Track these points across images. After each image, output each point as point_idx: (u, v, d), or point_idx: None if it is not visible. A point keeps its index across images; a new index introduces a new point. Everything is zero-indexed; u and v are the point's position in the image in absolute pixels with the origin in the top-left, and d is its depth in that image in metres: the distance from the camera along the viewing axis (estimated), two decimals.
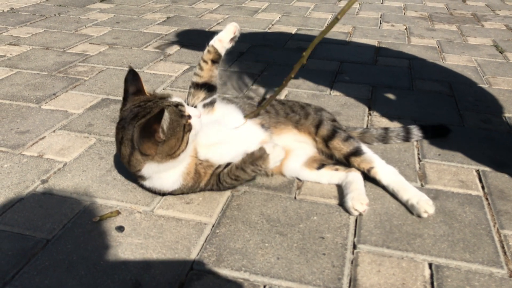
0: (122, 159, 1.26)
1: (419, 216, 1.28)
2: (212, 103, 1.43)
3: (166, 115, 1.15)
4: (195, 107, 1.40)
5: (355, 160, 1.41)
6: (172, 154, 1.20)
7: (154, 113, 1.14)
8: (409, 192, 1.33)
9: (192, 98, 1.42)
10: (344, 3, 3.95)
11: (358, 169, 1.41)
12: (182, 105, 1.24)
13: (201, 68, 1.44)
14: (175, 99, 1.25)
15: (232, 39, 1.47)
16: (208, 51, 1.45)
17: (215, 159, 1.32)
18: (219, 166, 1.32)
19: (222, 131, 1.37)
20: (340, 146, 1.43)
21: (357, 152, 1.42)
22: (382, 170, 1.40)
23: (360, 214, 1.29)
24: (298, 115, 1.50)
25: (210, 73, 1.43)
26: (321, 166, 1.44)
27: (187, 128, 1.21)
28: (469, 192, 1.42)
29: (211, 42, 1.46)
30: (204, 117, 1.36)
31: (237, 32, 1.45)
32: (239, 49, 2.68)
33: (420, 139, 1.68)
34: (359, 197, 1.29)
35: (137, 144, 1.18)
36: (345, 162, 1.43)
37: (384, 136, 1.65)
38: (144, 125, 1.16)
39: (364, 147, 1.44)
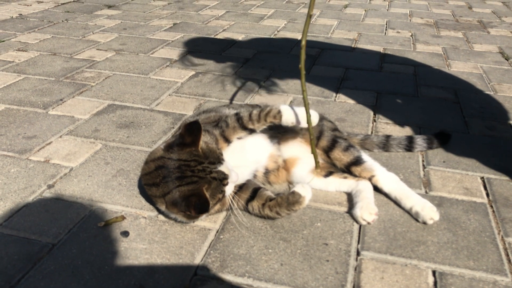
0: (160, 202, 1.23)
1: (424, 223, 1.28)
2: None
3: (204, 201, 1.13)
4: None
5: (355, 170, 1.42)
6: None
7: (197, 191, 1.13)
8: (412, 199, 1.33)
9: (231, 131, 1.34)
10: (350, 10, 3.96)
11: (360, 178, 1.42)
12: (226, 178, 1.20)
13: (258, 121, 1.33)
14: (223, 167, 1.20)
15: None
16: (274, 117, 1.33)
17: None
18: (239, 189, 1.31)
19: (240, 156, 1.35)
20: (340, 157, 1.43)
21: (357, 162, 1.41)
22: (383, 178, 1.40)
23: (368, 223, 1.29)
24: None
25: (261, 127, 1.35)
26: (328, 173, 1.44)
27: (222, 195, 1.21)
28: (473, 200, 1.41)
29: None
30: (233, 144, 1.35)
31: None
32: (244, 55, 2.69)
33: (424, 150, 1.67)
34: (368, 207, 1.29)
35: (178, 207, 1.17)
36: (347, 171, 1.43)
37: (385, 144, 1.65)
38: (184, 200, 1.14)
39: (365, 156, 1.44)
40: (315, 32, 3.25)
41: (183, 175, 1.15)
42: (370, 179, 1.40)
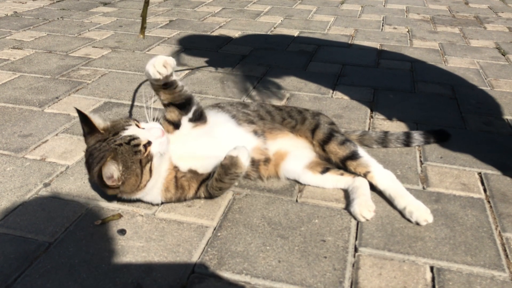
0: None
1: (417, 223, 1.27)
2: (200, 116, 1.35)
3: (111, 167, 1.14)
4: (177, 122, 1.33)
5: (351, 164, 1.40)
6: (138, 188, 1.21)
7: (102, 163, 1.13)
8: (406, 199, 1.32)
9: (169, 113, 1.32)
10: (346, 6, 3.96)
11: (355, 173, 1.41)
12: (135, 138, 1.18)
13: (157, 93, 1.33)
14: (128, 131, 1.20)
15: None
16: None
17: (202, 169, 1.31)
18: (208, 177, 1.30)
19: (211, 143, 1.34)
20: (336, 150, 1.42)
21: (353, 156, 1.40)
22: (378, 175, 1.39)
23: (367, 220, 1.28)
24: (294, 121, 1.50)
25: (167, 96, 1.31)
26: (325, 170, 1.43)
27: (146, 160, 1.19)
28: (471, 195, 1.41)
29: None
30: (193, 131, 1.34)
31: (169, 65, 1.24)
32: (241, 52, 2.69)
33: (421, 145, 1.67)
34: (366, 204, 1.29)
35: (103, 189, 1.21)
36: (342, 166, 1.43)
37: (384, 139, 1.64)
38: (98, 176, 1.15)
39: (361, 151, 1.43)
40: (311, 28, 3.24)
41: (94, 158, 1.19)
42: (365, 175, 1.39)
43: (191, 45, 2.78)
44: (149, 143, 1.20)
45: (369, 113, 1.96)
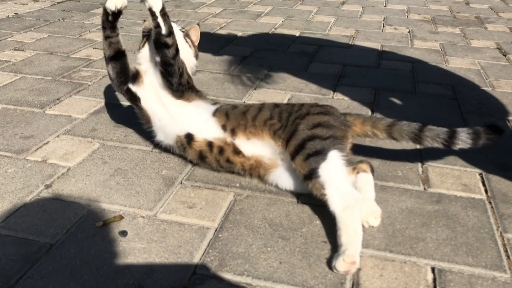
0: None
1: (334, 268, 1.10)
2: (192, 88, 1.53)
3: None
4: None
5: (308, 184, 1.24)
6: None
7: None
8: (347, 236, 1.12)
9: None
10: (347, 6, 3.96)
11: (359, 168, 1.31)
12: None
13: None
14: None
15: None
16: None
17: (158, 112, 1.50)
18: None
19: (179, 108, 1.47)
20: (298, 167, 1.27)
21: (310, 175, 1.23)
22: (332, 199, 1.18)
23: (372, 227, 1.25)
24: (280, 123, 1.36)
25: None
26: None
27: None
28: (472, 196, 1.41)
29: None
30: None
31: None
32: (242, 53, 2.69)
33: (467, 147, 1.34)
34: (372, 210, 1.24)
35: None
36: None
37: (418, 135, 1.34)
38: None
39: (325, 168, 1.21)
40: (312, 29, 3.24)
41: None
42: (321, 197, 1.22)
43: None
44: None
45: (370, 114, 1.96)
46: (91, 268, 1.10)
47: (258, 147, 1.40)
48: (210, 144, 1.42)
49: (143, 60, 1.56)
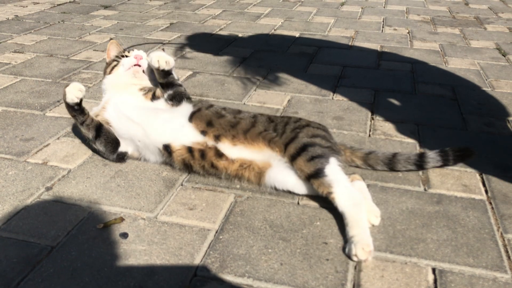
0: None
1: (349, 257, 1.16)
2: (176, 99, 1.55)
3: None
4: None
5: (314, 183, 1.30)
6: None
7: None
8: (357, 230, 1.19)
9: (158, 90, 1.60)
10: (346, 7, 3.96)
11: (354, 177, 1.38)
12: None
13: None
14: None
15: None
16: None
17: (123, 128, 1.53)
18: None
19: (152, 117, 1.50)
20: (302, 166, 1.32)
21: (317, 174, 1.29)
22: (340, 196, 1.26)
23: (373, 226, 1.27)
24: (275, 133, 1.42)
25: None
26: None
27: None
28: (472, 196, 1.42)
29: None
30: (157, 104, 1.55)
31: None
32: (242, 54, 2.69)
33: (438, 166, 1.51)
34: (371, 210, 1.28)
35: None
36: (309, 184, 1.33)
37: (391, 160, 1.48)
38: None
39: (330, 169, 1.29)
40: (312, 30, 3.24)
41: None
42: (327, 196, 1.28)
43: (192, 48, 2.79)
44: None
45: (370, 115, 1.96)
46: (92, 270, 1.10)
47: (245, 153, 1.41)
48: (190, 150, 1.43)
49: (110, 87, 1.63)
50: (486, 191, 1.44)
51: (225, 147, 1.41)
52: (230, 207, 1.34)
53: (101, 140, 1.50)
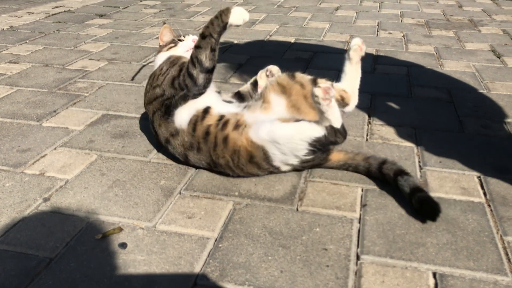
0: None
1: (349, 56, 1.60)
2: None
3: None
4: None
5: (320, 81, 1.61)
6: None
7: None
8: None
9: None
10: (341, 12, 3.98)
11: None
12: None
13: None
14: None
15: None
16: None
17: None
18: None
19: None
20: (302, 75, 1.67)
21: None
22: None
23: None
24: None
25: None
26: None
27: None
28: (471, 199, 1.42)
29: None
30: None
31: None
32: (238, 60, 2.69)
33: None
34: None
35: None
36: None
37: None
38: None
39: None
40: (307, 35, 3.25)
41: None
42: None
43: None
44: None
45: (367, 119, 1.96)
46: (91, 281, 1.10)
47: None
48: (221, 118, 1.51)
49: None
50: (485, 194, 1.44)
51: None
52: (229, 215, 1.34)
53: (211, 76, 1.54)
